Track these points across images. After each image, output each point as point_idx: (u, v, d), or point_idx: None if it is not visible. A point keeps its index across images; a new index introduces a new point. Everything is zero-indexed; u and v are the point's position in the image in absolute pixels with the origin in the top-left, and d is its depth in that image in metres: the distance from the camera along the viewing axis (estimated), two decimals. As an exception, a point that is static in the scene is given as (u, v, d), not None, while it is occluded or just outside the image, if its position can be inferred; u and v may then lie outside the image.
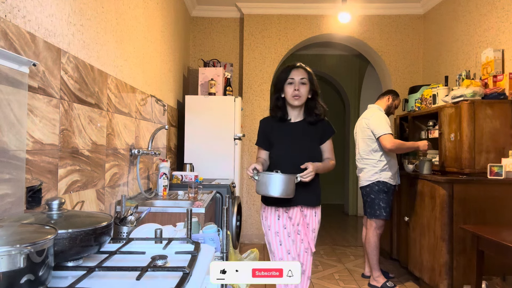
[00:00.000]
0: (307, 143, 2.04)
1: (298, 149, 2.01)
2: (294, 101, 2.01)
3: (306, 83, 2.01)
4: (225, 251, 1.47)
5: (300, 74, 2.01)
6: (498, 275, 2.54)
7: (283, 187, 1.80)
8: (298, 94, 1.99)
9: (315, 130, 2.06)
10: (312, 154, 2.01)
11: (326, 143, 2.10)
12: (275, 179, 1.80)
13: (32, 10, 1.34)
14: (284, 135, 2.06)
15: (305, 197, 2.02)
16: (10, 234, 0.85)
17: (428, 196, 3.05)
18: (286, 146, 2.03)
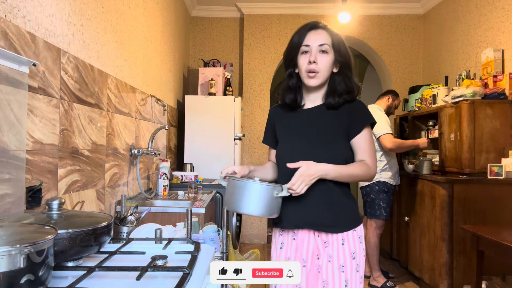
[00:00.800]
0: (323, 137, 1.36)
1: (309, 147, 1.35)
2: (309, 80, 1.35)
3: (329, 52, 1.35)
4: (225, 251, 1.47)
5: (319, 38, 1.35)
6: (498, 275, 2.54)
7: (256, 202, 1.21)
8: (315, 69, 1.33)
9: (339, 118, 1.38)
10: (331, 155, 1.32)
11: (359, 137, 1.36)
12: (244, 188, 1.21)
13: (32, 10, 1.34)
14: (291, 128, 1.44)
15: (321, 215, 1.33)
16: (10, 234, 0.85)
17: (428, 196, 3.05)
18: (292, 144, 1.40)
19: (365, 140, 1.38)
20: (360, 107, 1.41)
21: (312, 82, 1.36)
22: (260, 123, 4.70)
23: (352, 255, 1.35)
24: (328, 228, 1.35)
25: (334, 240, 1.35)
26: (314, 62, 1.34)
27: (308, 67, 1.35)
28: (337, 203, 1.35)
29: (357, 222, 1.39)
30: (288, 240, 1.41)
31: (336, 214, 1.35)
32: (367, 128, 1.39)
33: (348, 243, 1.36)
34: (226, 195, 1.27)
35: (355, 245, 1.36)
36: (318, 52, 1.35)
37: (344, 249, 1.35)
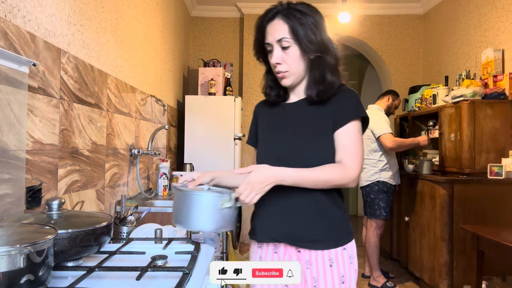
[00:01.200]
0: (304, 136, 1.18)
1: (288, 148, 1.18)
2: (282, 81, 1.20)
3: (292, 44, 1.14)
4: (225, 251, 1.47)
5: (276, 31, 1.14)
6: (498, 275, 2.54)
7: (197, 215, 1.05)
8: (281, 71, 1.17)
9: (324, 112, 1.18)
10: (312, 155, 1.14)
11: (340, 132, 1.15)
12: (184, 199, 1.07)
13: (32, 10, 1.34)
14: (270, 126, 1.27)
15: (300, 227, 1.14)
16: (10, 234, 0.85)
17: (428, 196, 3.05)
18: (271, 144, 1.23)
19: (347, 136, 1.15)
20: (348, 97, 1.18)
21: (284, 82, 1.20)
22: (260, 123, 4.69)
23: (342, 278, 1.14)
24: (309, 244, 1.14)
25: (319, 260, 1.14)
26: (278, 64, 1.16)
27: (275, 69, 1.19)
28: (322, 212, 1.15)
29: (347, 238, 1.18)
30: (268, 254, 1.21)
31: (319, 227, 1.14)
32: (354, 123, 1.16)
33: (337, 264, 1.14)
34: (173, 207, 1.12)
35: (344, 267, 1.15)
36: (281, 48, 1.15)
37: (333, 271, 1.14)
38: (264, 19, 1.18)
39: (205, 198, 1.06)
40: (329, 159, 1.14)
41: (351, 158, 1.12)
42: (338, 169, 1.11)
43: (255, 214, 1.23)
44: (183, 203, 1.07)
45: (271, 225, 1.17)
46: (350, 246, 1.18)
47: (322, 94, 1.17)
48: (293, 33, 1.13)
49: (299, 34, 1.13)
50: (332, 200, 1.16)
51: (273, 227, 1.17)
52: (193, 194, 1.06)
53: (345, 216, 1.21)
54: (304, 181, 1.09)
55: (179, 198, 1.08)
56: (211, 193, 1.07)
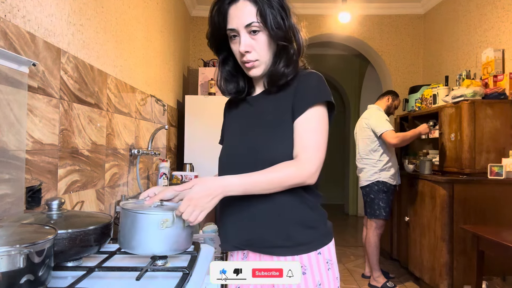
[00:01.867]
0: (258, 131, 1.06)
1: (245, 145, 1.07)
2: (250, 71, 1.06)
3: (262, 29, 1.01)
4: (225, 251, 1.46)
5: (243, 15, 1.01)
6: (498, 275, 2.54)
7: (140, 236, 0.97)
8: (250, 60, 1.03)
9: (280, 101, 1.06)
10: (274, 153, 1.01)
11: (298, 121, 1.01)
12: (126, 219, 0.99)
13: (32, 10, 1.34)
14: (232, 123, 1.19)
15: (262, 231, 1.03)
16: (10, 234, 0.84)
17: (428, 196, 3.05)
18: (231, 144, 1.14)
19: (304, 127, 1.00)
20: (306, 81, 1.03)
21: (253, 72, 1.05)
22: (260, 123, 4.69)
23: (319, 287, 1.02)
24: (273, 250, 1.01)
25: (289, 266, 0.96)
26: (247, 52, 1.02)
27: (242, 58, 1.03)
28: (285, 215, 1.01)
29: (321, 241, 1.04)
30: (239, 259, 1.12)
31: (282, 231, 1.01)
32: (314, 109, 1.01)
33: (311, 271, 1.01)
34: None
35: (321, 273, 1.02)
36: (249, 34, 1.01)
37: (307, 279, 1.01)
38: (225, 1, 1.03)
39: (141, 217, 0.96)
40: (288, 153, 1.01)
41: (308, 154, 0.98)
42: (291, 167, 0.97)
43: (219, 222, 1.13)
44: (124, 222, 0.99)
45: (233, 233, 1.07)
46: (327, 250, 1.05)
47: (275, 81, 1.04)
48: (262, 16, 0.99)
49: (267, 18, 0.99)
50: (299, 200, 1.02)
51: (235, 235, 1.06)
52: (129, 213, 0.97)
53: (319, 217, 1.07)
54: (254, 187, 0.96)
55: (121, 217, 1.00)
56: (151, 212, 0.97)
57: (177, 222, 0.97)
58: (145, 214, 0.97)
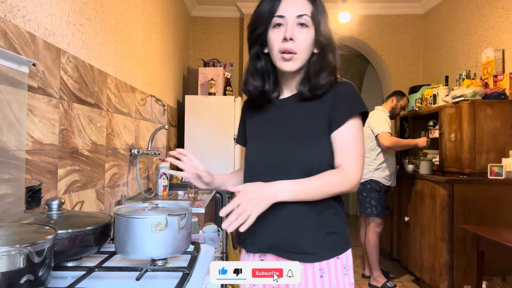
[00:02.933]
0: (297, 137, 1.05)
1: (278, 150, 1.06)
2: (284, 63, 1.04)
3: (310, 26, 1.03)
4: (225, 251, 1.47)
5: (297, 6, 1.03)
6: (498, 275, 2.54)
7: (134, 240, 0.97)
8: (292, 49, 1.01)
9: (319, 109, 1.06)
10: (302, 160, 1.03)
11: (339, 132, 1.03)
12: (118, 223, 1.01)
13: (32, 9, 1.34)
14: (258, 125, 1.15)
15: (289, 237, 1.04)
16: (10, 234, 0.84)
17: (429, 196, 3.05)
18: (258, 146, 1.12)
19: (346, 138, 1.02)
20: (344, 92, 1.05)
21: (288, 65, 1.03)
22: (260, 123, 4.70)
23: None
24: (298, 256, 1.01)
25: (308, 270, 1.03)
26: (291, 40, 1.00)
27: (283, 46, 1.01)
28: (316, 222, 1.03)
29: (342, 247, 1.07)
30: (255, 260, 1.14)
31: (311, 239, 1.03)
32: (353, 121, 1.03)
33: (328, 275, 1.03)
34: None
35: (337, 278, 1.04)
36: (296, 25, 1.02)
37: (324, 283, 1.02)
38: None
39: (134, 222, 0.96)
40: (322, 162, 1.03)
41: (352, 163, 1.01)
42: (338, 177, 1.00)
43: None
44: (118, 228, 0.99)
45: (259, 235, 1.06)
46: (345, 256, 1.07)
47: (316, 90, 1.04)
48: (313, 16, 1.03)
49: (318, 20, 1.04)
50: (328, 207, 1.05)
51: (261, 237, 1.06)
52: (122, 218, 0.97)
53: (343, 224, 1.09)
54: (303, 195, 0.98)
55: (116, 222, 1.00)
56: (144, 216, 0.97)
57: (171, 225, 0.97)
58: (138, 219, 0.97)
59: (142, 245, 0.97)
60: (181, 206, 1.11)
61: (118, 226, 1.00)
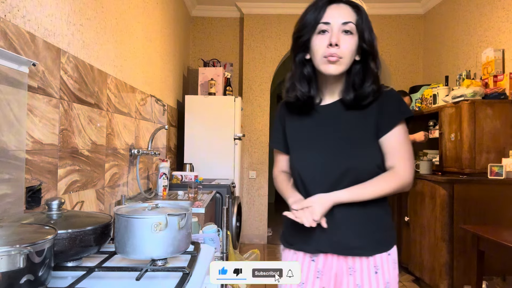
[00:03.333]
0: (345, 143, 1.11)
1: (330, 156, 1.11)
2: (328, 66, 1.08)
3: (354, 33, 1.09)
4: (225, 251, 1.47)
5: (343, 14, 1.08)
6: (498, 275, 2.54)
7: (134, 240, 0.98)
8: (337, 54, 1.06)
9: (365, 116, 1.12)
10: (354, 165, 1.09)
11: (388, 136, 1.10)
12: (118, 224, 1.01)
13: (32, 9, 1.34)
14: (305, 131, 1.17)
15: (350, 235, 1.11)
16: (10, 234, 0.84)
17: (428, 196, 3.05)
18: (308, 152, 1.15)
19: (396, 140, 1.10)
20: (390, 100, 1.11)
21: (332, 68, 1.07)
22: (260, 123, 4.70)
23: (387, 285, 1.10)
24: (356, 251, 1.10)
25: (364, 266, 1.10)
26: (336, 45, 1.05)
27: (328, 51, 1.06)
28: (372, 220, 1.11)
29: (392, 242, 1.15)
30: (306, 261, 1.16)
31: (369, 233, 1.11)
32: (401, 125, 1.11)
33: (382, 271, 1.10)
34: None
35: (389, 273, 1.11)
36: (341, 32, 1.07)
37: (378, 279, 1.10)
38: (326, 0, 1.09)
39: (134, 222, 0.96)
40: (372, 166, 1.10)
41: (404, 163, 1.09)
42: (393, 178, 1.09)
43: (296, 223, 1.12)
44: (118, 228, 1.00)
45: (318, 235, 1.12)
46: (394, 251, 1.15)
47: (362, 100, 1.10)
48: (358, 24, 1.09)
49: (362, 28, 1.09)
50: (380, 204, 1.13)
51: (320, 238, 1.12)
52: (122, 218, 0.98)
53: (391, 222, 1.18)
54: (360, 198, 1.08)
55: (116, 223, 1.02)
56: (143, 216, 0.98)
57: (171, 225, 0.97)
58: (138, 219, 0.97)
59: (142, 245, 0.98)
60: (181, 206, 1.11)
61: (118, 226, 1.01)
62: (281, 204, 3.68)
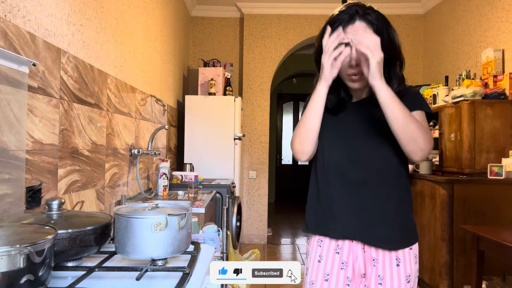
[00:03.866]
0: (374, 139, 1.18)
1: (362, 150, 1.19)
2: (352, 84, 1.19)
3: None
4: (225, 251, 1.47)
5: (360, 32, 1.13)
6: (498, 275, 2.54)
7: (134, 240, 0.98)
8: (358, 73, 1.15)
9: None
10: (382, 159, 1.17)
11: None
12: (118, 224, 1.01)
13: (32, 10, 1.34)
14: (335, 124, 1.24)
15: (377, 226, 1.16)
16: (10, 234, 0.84)
17: (428, 196, 3.05)
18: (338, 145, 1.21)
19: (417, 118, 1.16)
20: (413, 95, 1.19)
21: (356, 85, 1.18)
22: (260, 123, 4.70)
23: (408, 278, 1.15)
24: (382, 243, 1.15)
25: (386, 258, 1.15)
26: (356, 66, 1.14)
27: (350, 71, 1.16)
28: (398, 213, 1.17)
29: (415, 238, 1.21)
30: (330, 253, 1.21)
31: (394, 227, 1.16)
32: (420, 112, 1.17)
33: (404, 264, 1.15)
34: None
35: (411, 266, 1.17)
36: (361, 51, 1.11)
37: (400, 271, 1.15)
38: (343, 21, 1.16)
39: (134, 222, 0.96)
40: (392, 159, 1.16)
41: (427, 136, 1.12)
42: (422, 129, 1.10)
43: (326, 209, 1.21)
44: (118, 228, 1.00)
45: (345, 222, 1.17)
46: (416, 246, 1.21)
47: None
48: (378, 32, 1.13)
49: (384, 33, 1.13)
50: (406, 200, 1.19)
51: (348, 225, 1.17)
52: (122, 218, 0.98)
53: (413, 219, 1.23)
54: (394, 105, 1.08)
55: (116, 222, 1.02)
56: (143, 215, 0.98)
57: (171, 225, 0.97)
58: (138, 219, 0.97)
59: (142, 245, 0.98)
60: (181, 206, 1.11)
61: (118, 226, 1.01)
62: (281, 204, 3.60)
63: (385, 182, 1.17)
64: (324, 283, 1.19)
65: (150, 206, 1.03)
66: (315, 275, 1.21)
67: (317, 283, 1.20)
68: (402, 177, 1.20)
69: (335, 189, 1.18)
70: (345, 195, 1.17)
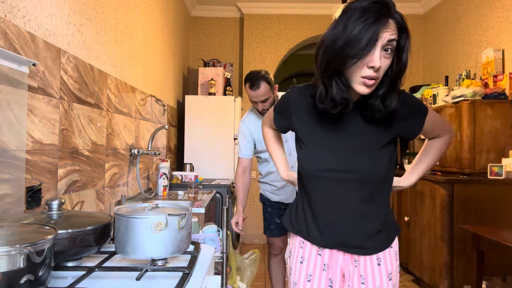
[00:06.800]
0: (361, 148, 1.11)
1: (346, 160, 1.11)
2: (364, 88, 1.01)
3: (392, 51, 1.01)
4: (225, 251, 1.47)
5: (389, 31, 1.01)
6: (498, 275, 2.54)
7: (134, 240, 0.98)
8: (375, 77, 0.99)
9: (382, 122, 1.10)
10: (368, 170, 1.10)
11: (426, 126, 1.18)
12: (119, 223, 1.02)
13: (32, 10, 1.34)
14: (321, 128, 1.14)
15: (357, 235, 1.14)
16: (10, 234, 0.84)
17: (428, 196, 3.05)
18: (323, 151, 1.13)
19: (431, 124, 1.19)
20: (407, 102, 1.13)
21: (366, 91, 1.01)
22: (260, 123, 4.70)
23: (389, 276, 1.16)
24: (364, 252, 1.15)
25: (367, 259, 1.16)
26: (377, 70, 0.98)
27: (367, 73, 0.98)
28: (378, 219, 1.15)
29: (394, 236, 1.20)
30: (312, 255, 1.20)
31: (378, 236, 1.15)
32: (428, 117, 1.17)
33: (385, 263, 1.17)
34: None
35: (392, 264, 1.18)
36: (382, 51, 0.98)
37: (381, 270, 1.16)
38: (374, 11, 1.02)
39: (134, 222, 0.96)
40: (387, 172, 1.13)
41: (444, 127, 1.27)
42: (444, 143, 1.29)
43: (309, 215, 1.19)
44: (118, 228, 1.01)
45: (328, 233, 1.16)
46: (395, 243, 1.21)
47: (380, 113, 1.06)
48: (399, 43, 1.02)
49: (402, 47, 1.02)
50: (385, 207, 1.18)
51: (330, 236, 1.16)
52: (122, 218, 0.98)
53: (392, 216, 1.23)
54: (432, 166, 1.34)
55: (116, 223, 1.02)
56: (143, 216, 0.98)
57: (171, 225, 0.97)
58: (138, 219, 0.97)
59: (142, 245, 0.98)
60: (181, 206, 1.11)
61: (118, 226, 1.01)
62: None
63: (370, 191, 1.11)
64: (307, 284, 1.19)
65: (150, 206, 1.03)
66: (298, 276, 1.21)
67: (299, 283, 1.20)
68: (387, 184, 1.17)
69: (318, 196, 1.15)
70: (328, 203, 1.14)
